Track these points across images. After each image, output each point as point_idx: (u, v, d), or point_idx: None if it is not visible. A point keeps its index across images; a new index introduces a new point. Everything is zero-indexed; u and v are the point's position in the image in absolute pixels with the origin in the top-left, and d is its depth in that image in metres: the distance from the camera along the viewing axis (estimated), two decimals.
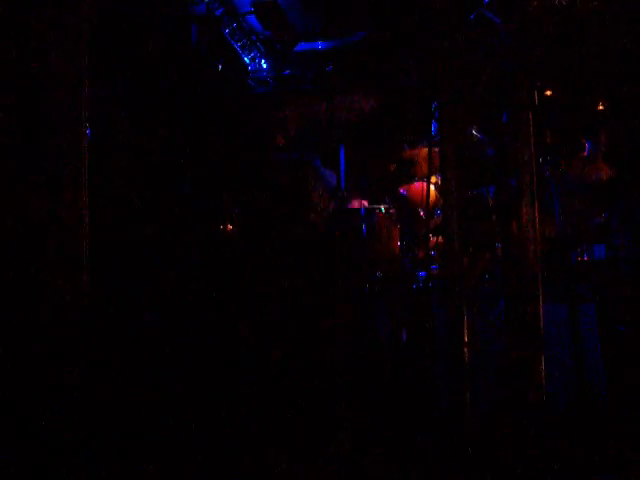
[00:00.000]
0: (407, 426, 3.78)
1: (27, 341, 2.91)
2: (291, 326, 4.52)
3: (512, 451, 3.16)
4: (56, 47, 3.22)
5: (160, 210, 5.33)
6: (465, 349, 3.71)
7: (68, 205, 3.19)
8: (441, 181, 5.02)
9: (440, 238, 5.06)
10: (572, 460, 3.15)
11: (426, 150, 5.13)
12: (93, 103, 3.30)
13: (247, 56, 7.63)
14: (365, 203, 5.54)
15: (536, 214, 3.63)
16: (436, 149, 4.86)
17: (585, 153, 4.96)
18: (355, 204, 5.54)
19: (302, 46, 7.17)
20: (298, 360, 4.14)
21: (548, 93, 4.70)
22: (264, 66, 7.70)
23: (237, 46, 7.45)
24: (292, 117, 5.90)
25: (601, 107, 4.96)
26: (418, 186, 5.45)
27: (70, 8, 3.24)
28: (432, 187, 5.14)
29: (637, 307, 3.87)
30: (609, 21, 4.63)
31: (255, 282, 4.99)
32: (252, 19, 7.12)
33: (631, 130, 4.79)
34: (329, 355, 4.33)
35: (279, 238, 5.21)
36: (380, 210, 5.29)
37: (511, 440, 3.23)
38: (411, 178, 5.51)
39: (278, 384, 3.92)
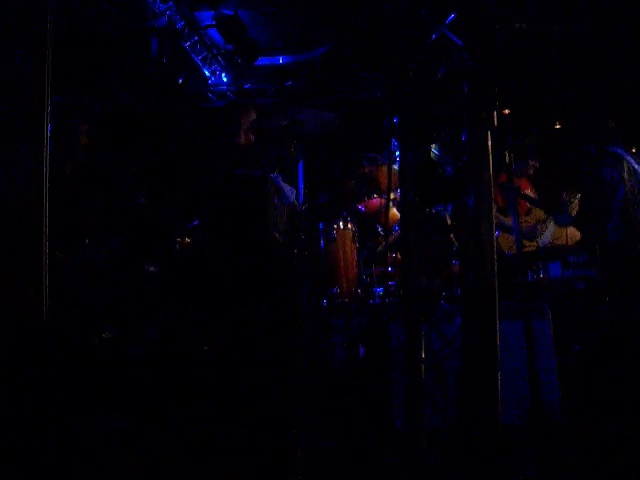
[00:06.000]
0: (363, 443, 3.76)
1: None
2: (246, 341, 4.47)
3: (467, 467, 3.15)
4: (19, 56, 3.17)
5: (116, 222, 5.26)
6: (421, 366, 3.70)
7: (29, 218, 3.13)
8: (400, 198, 5.03)
9: (398, 254, 5.08)
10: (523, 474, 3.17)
11: (385, 167, 5.15)
12: (51, 112, 3.25)
13: (208, 69, 7.61)
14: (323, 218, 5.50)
15: (493, 232, 3.64)
16: (395, 166, 4.88)
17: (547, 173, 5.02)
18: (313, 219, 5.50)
19: (263, 60, 7.17)
20: (251, 375, 4.09)
21: (506, 112, 4.75)
22: (224, 80, 7.69)
23: (198, 59, 7.43)
24: (252, 131, 5.86)
25: (558, 126, 5.03)
26: (376, 202, 5.44)
27: (33, 18, 3.20)
28: (390, 203, 5.15)
29: (591, 324, 3.91)
30: (570, 43, 4.70)
31: (211, 296, 4.93)
32: (213, 33, 7.09)
33: (588, 151, 4.86)
34: (284, 371, 4.29)
35: (236, 252, 5.17)
36: (338, 225, 5.26)
37: (466, 457, 3.22)
38: (370, 194, 5.50)
39: (230, 399, 3.87)
